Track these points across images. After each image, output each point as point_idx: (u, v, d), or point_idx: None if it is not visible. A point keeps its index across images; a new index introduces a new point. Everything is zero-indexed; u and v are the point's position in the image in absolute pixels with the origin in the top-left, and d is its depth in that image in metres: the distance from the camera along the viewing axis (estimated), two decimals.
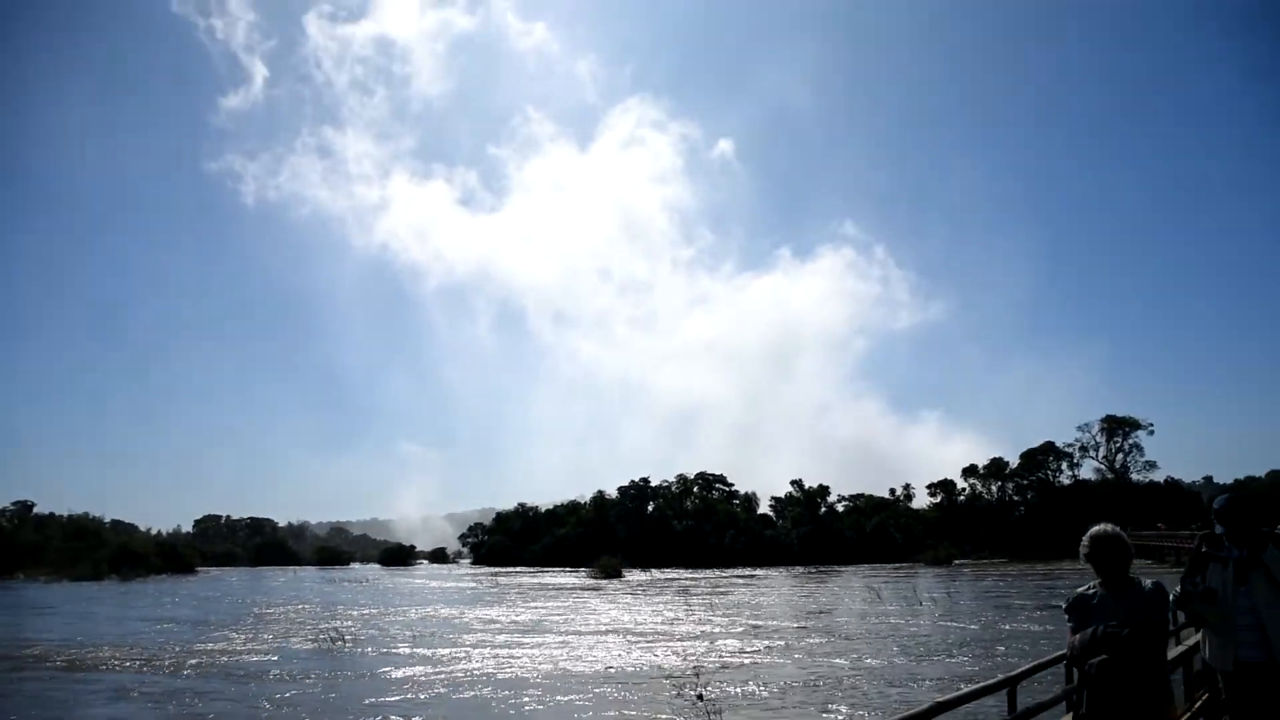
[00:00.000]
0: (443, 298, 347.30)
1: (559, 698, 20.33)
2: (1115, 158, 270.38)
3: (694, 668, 20.55)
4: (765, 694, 20.04)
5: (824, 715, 17.91)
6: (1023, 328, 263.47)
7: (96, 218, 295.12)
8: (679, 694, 18.07)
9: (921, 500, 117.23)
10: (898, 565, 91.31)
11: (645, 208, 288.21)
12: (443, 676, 23.55)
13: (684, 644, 29.66)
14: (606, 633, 33.96)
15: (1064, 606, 5.48)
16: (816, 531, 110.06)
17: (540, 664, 25.65)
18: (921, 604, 43.39)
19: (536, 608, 47.52)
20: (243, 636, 34.76)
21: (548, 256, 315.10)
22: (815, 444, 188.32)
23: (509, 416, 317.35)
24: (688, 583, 71.14)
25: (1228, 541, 6.26)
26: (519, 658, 27.00)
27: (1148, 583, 5.25)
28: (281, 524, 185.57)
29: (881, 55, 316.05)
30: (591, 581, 77.66)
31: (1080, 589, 5.46)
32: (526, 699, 20.29)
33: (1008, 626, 32.45)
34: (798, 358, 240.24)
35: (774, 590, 59.72)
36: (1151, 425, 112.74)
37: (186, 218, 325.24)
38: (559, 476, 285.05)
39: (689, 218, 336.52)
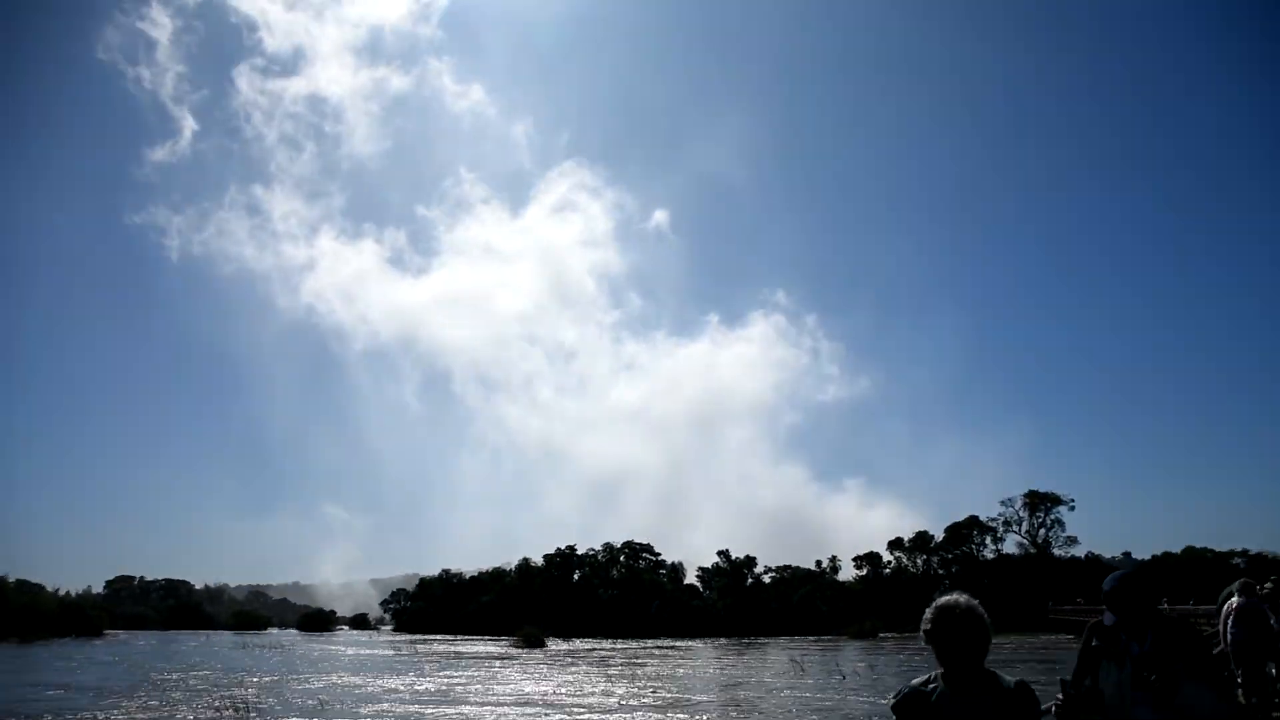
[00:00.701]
0: (369, 360, 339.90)
1: None
2: (1043, 239, 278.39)
3: None
4: None
5: None
6: (949, 404, 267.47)
7: (5, 263, 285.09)
8: None
9: (848, 572, 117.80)
10: (822, 637, 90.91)
11: (575, 272, 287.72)
12: None
13: (588, 717, 28.85)
14: (512, 704, 32.95)
15: (890, 704, 4.16)
16: (743, 602, 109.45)
17: None
18: (844, 677, 42.98)
19: (446, 677, 46.04)
20: (136, 704, 33.01)
21: (475, 320, 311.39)
22: (740, 511, 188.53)
23: (435, 481, 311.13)
24: (610, 653, 69.92)
25: (1122, 633, 4.94)
26: None
27: (1009, 680, 4.04)
28: (198, 586, 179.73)
29: (818, 128, 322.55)
30: (512, 650, 75.90)
31: (915, 681, 4.18)
32: None
33: None
34: (724, 425, 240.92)
35: (695, 662, 58.84)
36: (1073, 501, 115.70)
37: (106, 270, 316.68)
38: (484, 543, 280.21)
39: (619, 284, 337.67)
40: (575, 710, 31.06)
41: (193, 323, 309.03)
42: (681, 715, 29.66)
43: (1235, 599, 16.13)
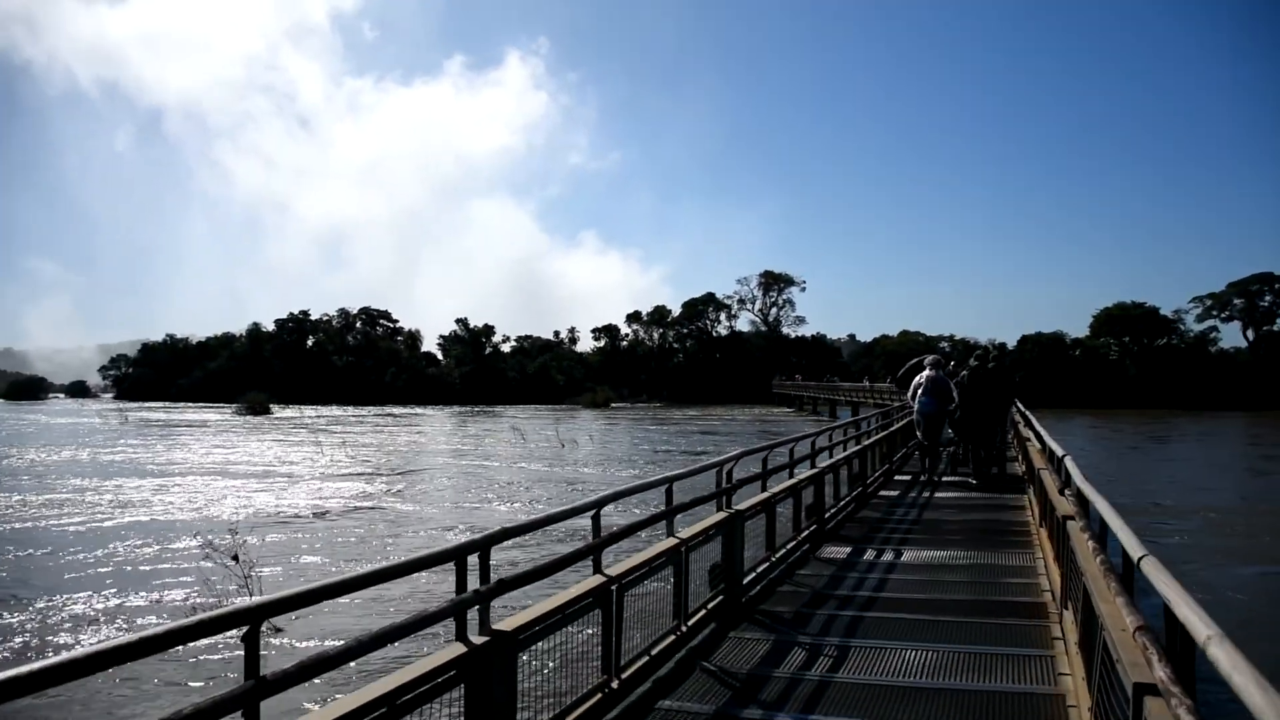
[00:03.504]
0: (67, 105, 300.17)
1: (78, 555, 17.51)
2: (812, 29, 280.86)
3: (233, 524, 18.23)
4: (315, 543, 18.39)
5: (350, 564, 16.48)
6: (697, 180, 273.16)
7: None
8: (209, 555, 15.58)
9: (587, 344, 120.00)
10: (558, 407, 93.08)
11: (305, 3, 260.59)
12: None
13: (276, 485, 27.59)
14: (202, 473, 31.14)
15: None
16: (480, 371, 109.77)
17: (88, 512, 22.61)
18: (563, 445, 43.47)
19: (138, 446, 43.24)
20: None
21: (191, 59, 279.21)
22: (479, 275, 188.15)
23: (156, 238, 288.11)
24: (337, 421, 68.50)
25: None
26: (63, 505, 23.70)
27: None
28: None
29: None
30: (232, 418, 72.82)
31: None
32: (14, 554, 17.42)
33: (618, 471, 33.05)
34: (464, 179, 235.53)
35: (420, 429, 58.42)
36: (805, 282, 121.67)
37: None
38: (214, 306, 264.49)
39: (350, 20, 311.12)
40: (270, 478, 29.72)
41: None
42: (381, 481, 29.00)
43: (926, 372, 16.95)
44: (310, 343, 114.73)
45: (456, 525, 20.25)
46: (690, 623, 6.68)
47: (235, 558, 15.42)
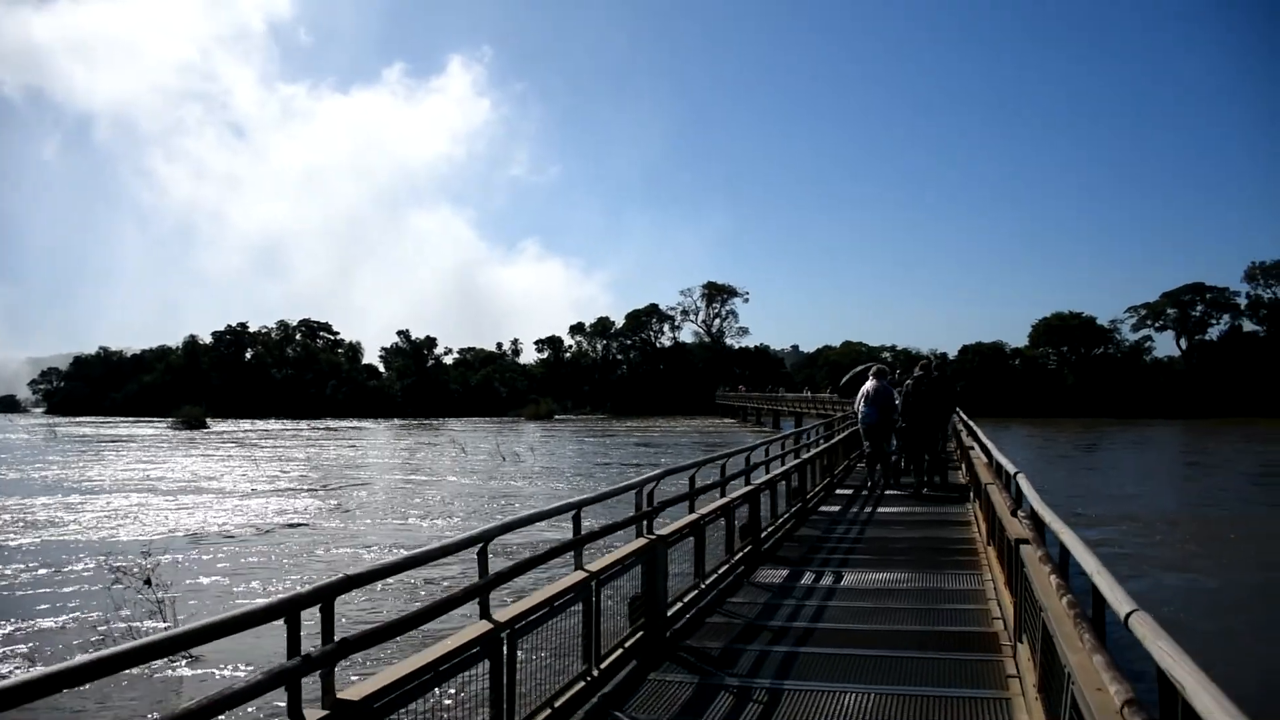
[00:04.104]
0: None
1: None
2: (756, 42, 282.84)
3: (142, 548, 17.02)
4: (234, 564, 17.31)
5: (269, 587, 15.51)
6: (642, 191, 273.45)
7: None
8: (118, 579, 14.49)
9: (530, 355, 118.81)
10: (501, 419, 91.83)
11: (244, 10, 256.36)
12: None
13: (199, 500, 26.30)
14: (122, 492, 29.63)
15: None
16: (422, 383, 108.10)
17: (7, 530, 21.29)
18: (504, 459, 42.58)
19: (61, 462, 41.44)
20: None
21: (120, 62, 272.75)
22: (419, 287, 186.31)
23: (87, 250, 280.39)
24: (273, 434, 66.65)
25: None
26: None
27: None
28: None
29: None
30: (166, 432, 70.60)
31: None
32: None
33: (558, 485, 32.22)
34: (403, 190, 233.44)
35: (359, 443, 57.00)
36: (748, 293, 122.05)
37: None
38: (149, 318, 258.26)
39: (286, 26, 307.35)
40: (195, 495, 28.45)
41: None
42: (310, 498, 27.84)
43: (870, 382, 16.68)
44: (249, 355, 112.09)
45: (378, 544, 19.30)
46: (605, 664, 5.91)
47: (148, 581, 14.42)
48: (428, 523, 22.73)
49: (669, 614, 7.25)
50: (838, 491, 17.20)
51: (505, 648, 4.56)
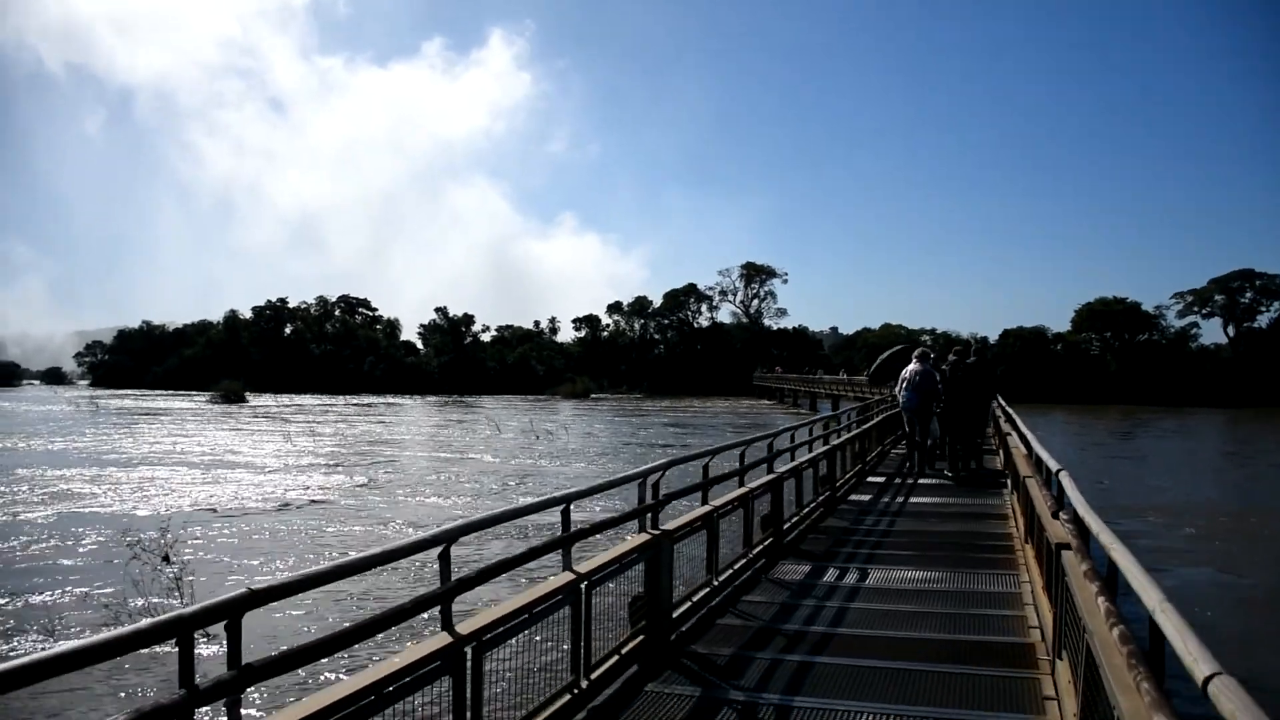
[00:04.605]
0: (36, 88, 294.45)
1: None
2: (800, 22, 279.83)
3: (162, 524, 16.68)
4: (249, 541, 17.00)
5: (278, 564, 15.16)
6: (681, 171, 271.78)
7: None
8: (135, 554, 14.17)
9: (567, 334, 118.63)
10: (538, 397, 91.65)
11: None
12: None
13: (236, 479, 26.13)
14: (155, 465, 29.66)
15: None
16: (459, 360, 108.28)
17: (19, 503, 21.22)
18: (538, 437, 42.31)
19: (100, 435, 41.76)
20: None
21: (161, 37, 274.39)
22: (459, 262, 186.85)
23: (131, 224, 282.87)
24: (312, 409, 66.92)
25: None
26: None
27: None
28: None
29: None
30: (205, 406, 71.22)
31: None
32: None
33: (582, 466, 31.76)
34: (443, 165, 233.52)
35: (395, 419, 57.02)
36: (786, 274, 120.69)
37: None
38: (190, 291, 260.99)
39: (324, 2, 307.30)
40: (228, 468, 28.44)
41: None
42: (339, 474, 27.64)
43: (913, 365, 16.96)
44: (288, 330, 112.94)
45: (403, 521, 18.98)
46: (596, 674, 5.36)
47: (166, 558, 14.17)
48: (461, 499, 22.49)
49: (675, 615, 6.70)
50: (870, 479, 16.55)
51: (470, 663, 4.03)
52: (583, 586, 5.20)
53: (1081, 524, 4.96)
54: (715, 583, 7.74)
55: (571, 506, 5.37)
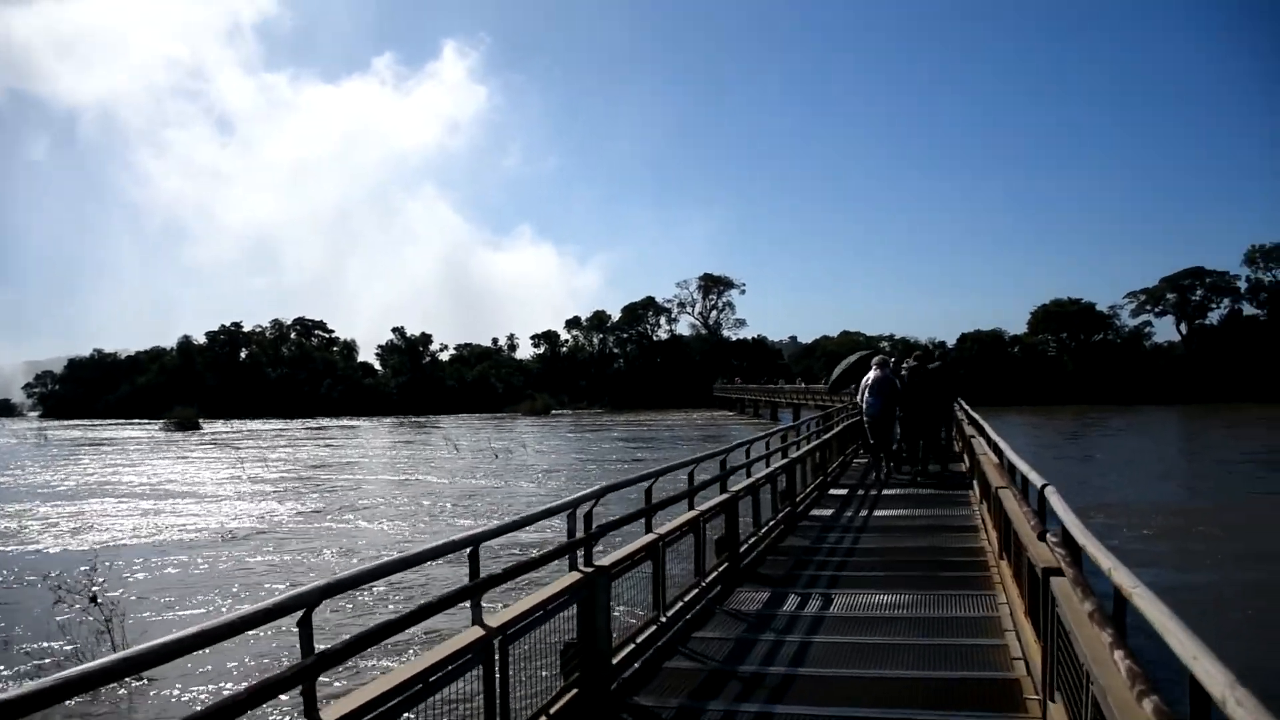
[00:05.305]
0: None
1: None
2: (758, 35, 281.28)
3: (91, 561, 15.58)
4: (190, 577, 15.98)
5: (222, 603, 14.18)
6: (639, 183, 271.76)
7: None
8: (59, 598, 13.13)
9: (526, 350, 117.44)
10: (498, 415, 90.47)
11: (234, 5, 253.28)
12: None
13: (182, 510, 24.96)
14: (97, 497, 28.41)
15: None
16: (418, 380, 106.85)
17: None
18: (496, 455, 41.37)
19: (42, 467, 40.21)
20: None
21: (104, 56, 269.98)
22: (415, 280, 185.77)
23: (80, 251, 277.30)
24: (266, 434, 65.38)
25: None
26: None
27: None
28: None
29: None
30: (157, 434, 69.36)
31: None
32: None
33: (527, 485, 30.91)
34: (396, 180, 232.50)
35: (350, 442, 55.71)
36: (745, 285, 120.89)
37: None
38: (143, 316, 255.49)
39: (271, 17, 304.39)
40: (173, 499, 27.45)
41: None
42: (291, 501, 26.55)
43: (873, 372, 16.83)
44: (243, 355, 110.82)
45: (349, 548, 18.06)
46: None
47: (94, 599, 13.20)
48: (411, 524, 21.68)
49: (616, 660, 5.92)
50: (832, 491, 15.89)
51: None
52: (496, 642, 4.38)
53: (1075, 547, 4.29)
54: (663, 619, 6.95)
55: (480, 548, 4.54)
